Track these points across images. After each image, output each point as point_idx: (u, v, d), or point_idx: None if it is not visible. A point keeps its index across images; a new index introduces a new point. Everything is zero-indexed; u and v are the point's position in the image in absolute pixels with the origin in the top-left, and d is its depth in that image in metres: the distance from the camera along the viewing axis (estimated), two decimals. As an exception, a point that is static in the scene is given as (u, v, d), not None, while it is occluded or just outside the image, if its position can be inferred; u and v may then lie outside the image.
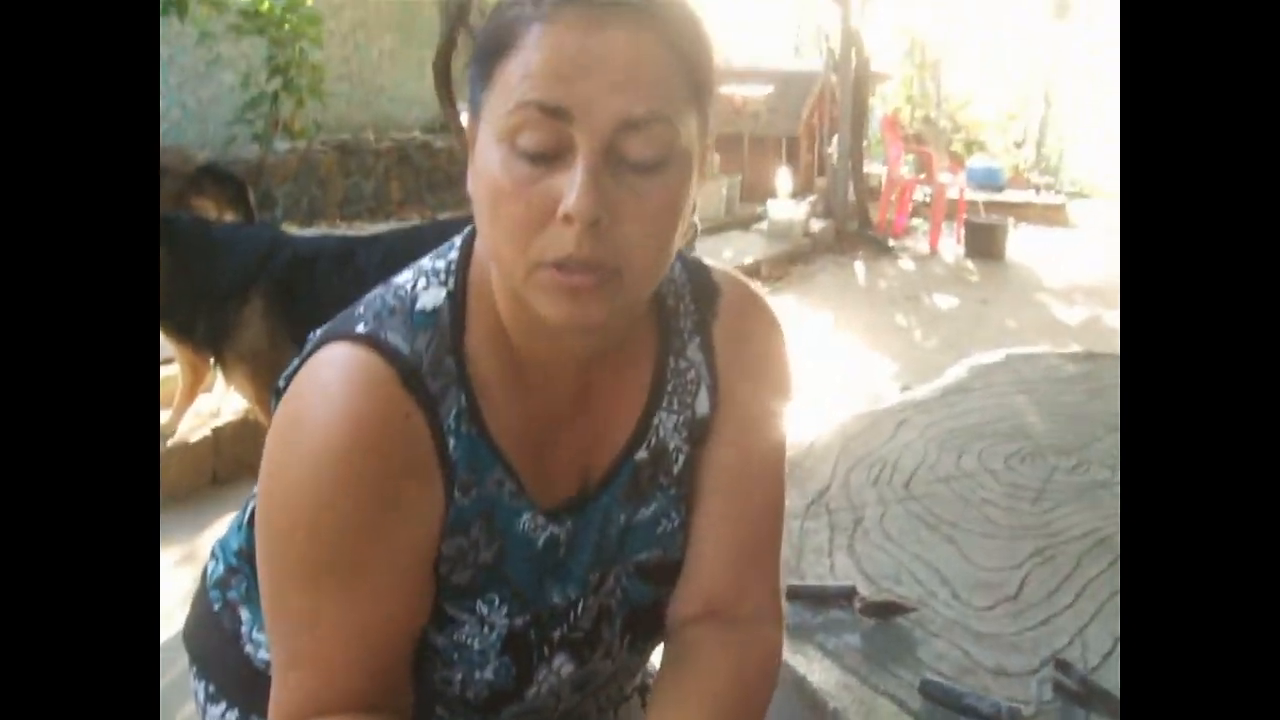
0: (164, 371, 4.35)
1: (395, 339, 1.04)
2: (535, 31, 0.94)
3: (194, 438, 4.13)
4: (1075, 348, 4.78)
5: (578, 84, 0.92)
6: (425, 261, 1.13)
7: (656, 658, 1.23)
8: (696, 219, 7.85)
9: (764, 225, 10.34)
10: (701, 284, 1.22)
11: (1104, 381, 2.99)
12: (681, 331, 1.20)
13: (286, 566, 1.02)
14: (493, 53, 0.97)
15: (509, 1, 0.98)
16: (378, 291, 1.10)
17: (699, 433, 1.19)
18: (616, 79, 0.93)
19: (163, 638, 1.61)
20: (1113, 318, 7.96)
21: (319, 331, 1.08)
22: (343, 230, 6.92)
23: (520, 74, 0.94)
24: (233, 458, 4.28)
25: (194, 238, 3.60)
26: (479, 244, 1.10)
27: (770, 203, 10.37)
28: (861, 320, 7.69)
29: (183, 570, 3.54)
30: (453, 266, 1.10)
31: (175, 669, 1.63)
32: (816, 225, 10.79)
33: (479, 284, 1.09)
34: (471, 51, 1.02)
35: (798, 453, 2.41)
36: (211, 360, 3.77)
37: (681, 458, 1.19)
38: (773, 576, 1.22)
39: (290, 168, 8.19)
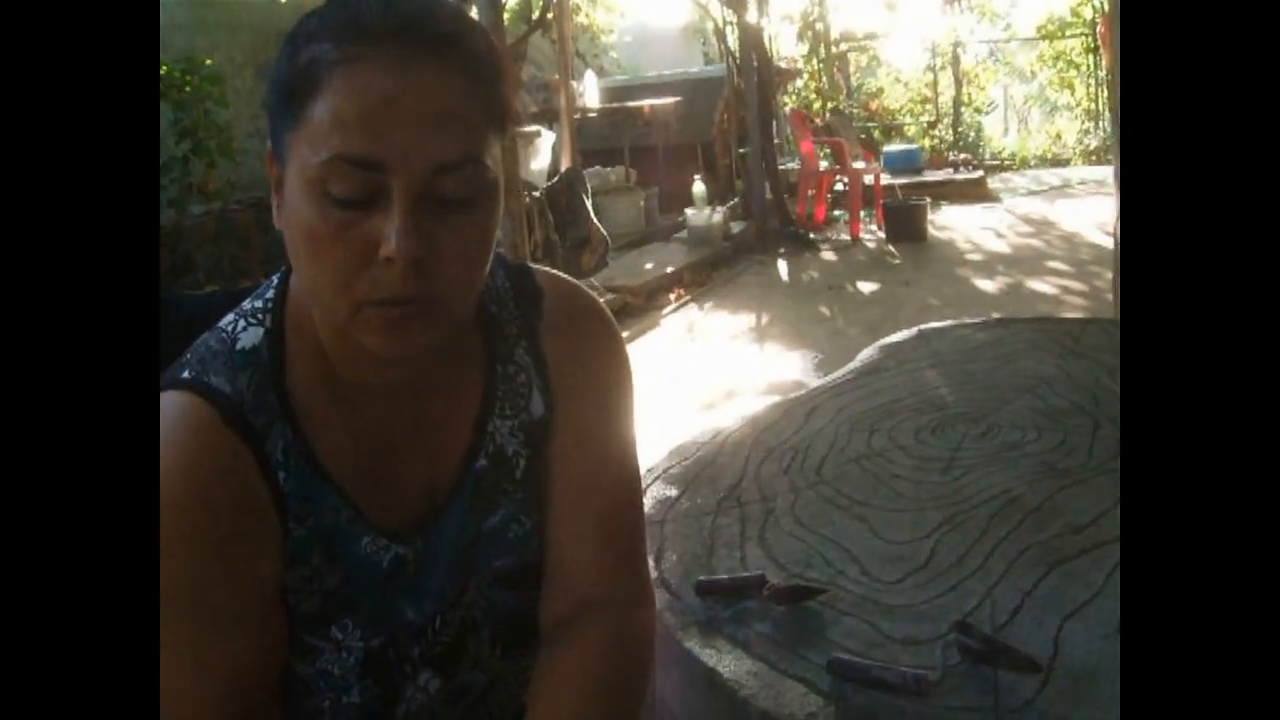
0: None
1: (218, 381, 1.05)
2: (340, 75, 0.94)
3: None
4: (995, 315, 4.83)
5: (389, 134, 0.93)
6: (246, 303, 1.13)
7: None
8: (606, 233, 7.86)
9: (685, 234, 10.36)
10: (525, 288, 1.23)
11: (1014, 346, 3.01)
12: (507, 337, 1.20)
13: None
14: (296, 93, 0.96)
15: (304, 35, 0.98)
16: (204, 336, 1.11)
17: (537, 434, 1.20)
18: (427, 125, 0.94)
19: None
20: (1033, 283, 8.04)
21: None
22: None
23: (328, 123, 0.94)
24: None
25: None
26: (294, 280, 1.11)
27: (688, 211, 10.40)
28: (785, 315, 7.70)
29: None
30: (269, 304, 1.12)
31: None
32: (737, 227, 10.82)
33: (297, 318, 1.10)
34: (269, 85, 1.01)
35: (709, 451, 2.41)
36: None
37: (522, 462, 1.19)
38: (635, 561, 1.23)
39: (208, 230, 8.07)
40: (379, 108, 0.93)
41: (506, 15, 7.65)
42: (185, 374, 1.05)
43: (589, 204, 7.83)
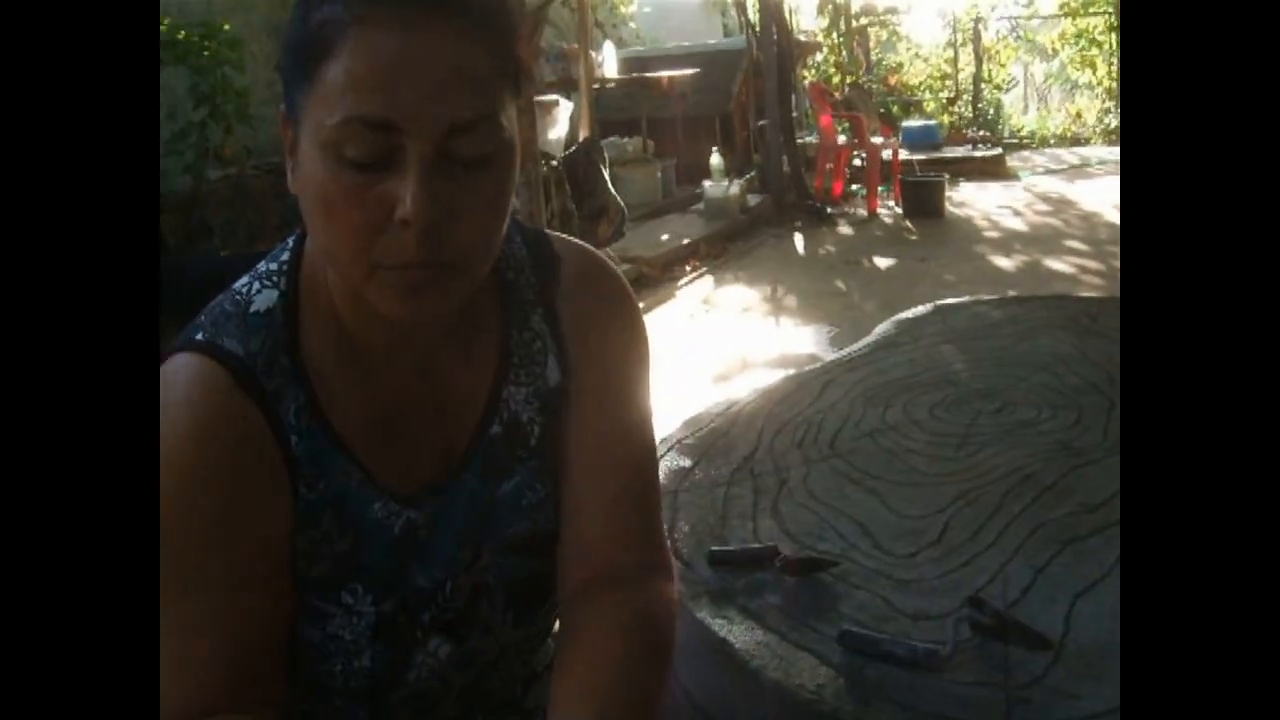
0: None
1: (230, 343, 1.05)
2: (352, 36, 0.93)
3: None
4: (1011, 293, 4.81)
5: (401, 94, 0.92)
6: (261, 265, 1.13)
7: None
8: (623, 204, 7.85)
9: (701, 205, 10.33)
10: (542, 255, 1.22)
11: (1031, 323, 3.00)
12: (523, 304, 1.19)
13: None
14: (309, 55, 0.96)
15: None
16: (219, 298, 1.10)
17: (553, 402, 1.19)
18: (439, 84, 0.93)
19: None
20: (1051, 261, 8.01)
21: (173, 344, 1.07)
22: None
23: (341, 84, 0.93)
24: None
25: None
26: (310, 243, 1.11)
27: (706, 183, 10.37)
28: (800, 288, 7.68)
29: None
30: (284, 267, 1.11)
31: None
32: (754, 200, 10.79)
33: (311, 281, 1.10)
34: (282, 49, 1.01)
35: (724, 422, 2.41)
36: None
37: (537, 429, 1.18)
38: (654, 530, 1.22)
39: (224, 195, 8.07)
40: (392, 69, 0.92)
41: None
42: (199, 336, 1.05)
43: (606, 174, 7.81)
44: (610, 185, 7.81)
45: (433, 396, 1.14)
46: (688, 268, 8.53)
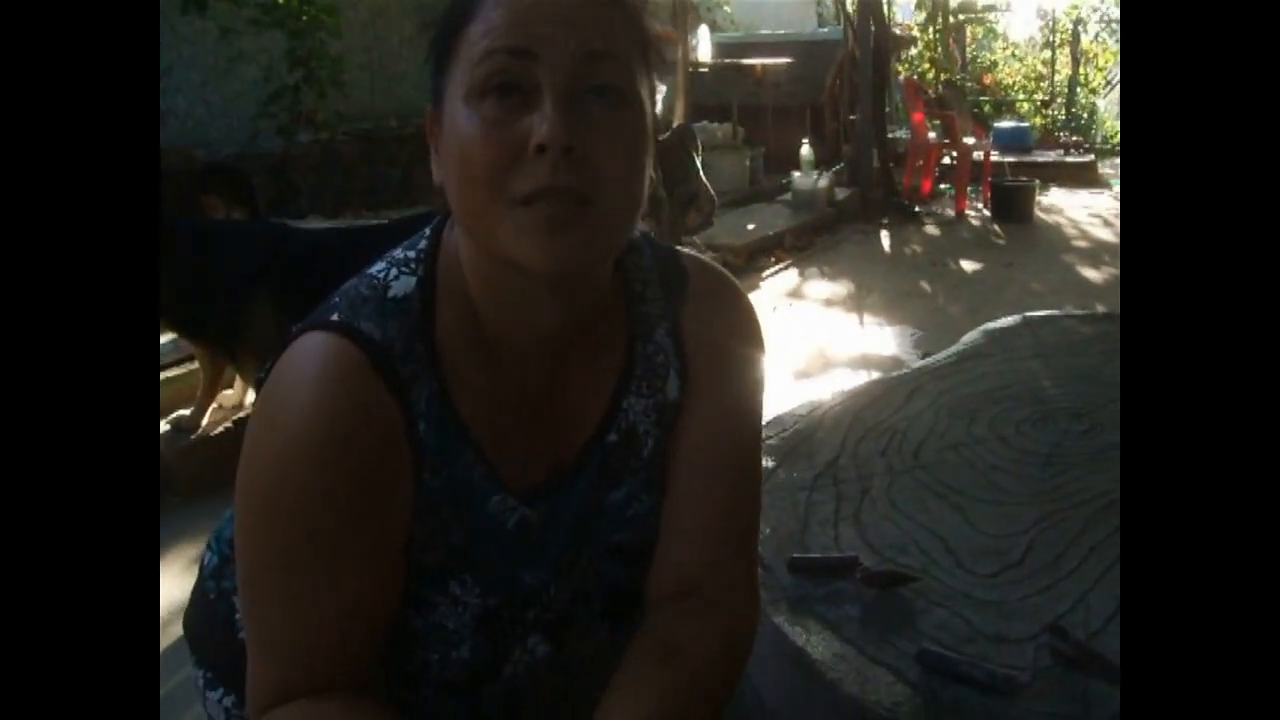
0: (185, 368, 4.42)
1: (368, 326, 1.06)
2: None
3: (215, 431, 4.14)
4: (1100, 308, 4.75)
5: (538, 27, 0.99)
6: (397, 251, 1.15)
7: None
8: (713, 191, 7.83)
9: (789, 196, 10.28)
10: (669, 270, 1.24)
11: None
12: (649, 317, 1.21)
13: (261, 552, 1.04)
14: (452, 30, 1.03)
15: None
16: (352, 282, 1.12)
17: (669, 416, 1.20)
18: (572, 17, 1.00)
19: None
20: (1140, 276, 7.87)
21: (299, 324, 1.09)
22: (368, 219, 6.93)
23: (482, 32, 0.99)
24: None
25: (198, 239, 3.65)
26: (448, 232, 1.13)
27: (794, 174, 10.31)
28: (885, 287, 7.63)
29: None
30: (423, 255, 1.13)
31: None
32: (842, 194, 10.71)
33: (448, 271, 1.12)
34: (430, 41, 1.07)
35: (808, 424, 2.41)
36: (228, 356, 3.83)
37: (651, 441, 1.19)
38: (748, 555, 1.22)
39: (314, 159, 8.20)
40: (529, 9, 0.99)
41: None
42: (334, 317, 1.07)
43: (699, 162, 7.79)
44: (701, 173, 7.79)
45: (557, 398, 1.15)
46: (773, 259, 8.48)
